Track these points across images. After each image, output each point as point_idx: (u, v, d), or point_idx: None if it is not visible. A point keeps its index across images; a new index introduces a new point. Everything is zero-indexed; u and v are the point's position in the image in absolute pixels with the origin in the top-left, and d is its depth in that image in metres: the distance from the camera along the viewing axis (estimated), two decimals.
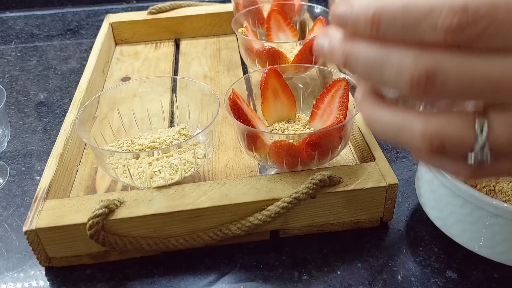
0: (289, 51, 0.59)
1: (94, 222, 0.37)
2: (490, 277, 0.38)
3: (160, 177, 0.40)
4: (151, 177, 0.40)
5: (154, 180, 0.40)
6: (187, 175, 0.41)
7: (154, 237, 0.39)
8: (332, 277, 0.38)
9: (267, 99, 0.45)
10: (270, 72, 0.44)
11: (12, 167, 0.52)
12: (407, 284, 0.37)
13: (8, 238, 0.43)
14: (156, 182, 0.40)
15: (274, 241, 0.42)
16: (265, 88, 0.44)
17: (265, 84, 0.44)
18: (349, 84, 0.42)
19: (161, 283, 0.38)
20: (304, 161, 0.40)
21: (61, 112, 0.62)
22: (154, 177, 0.40)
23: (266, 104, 0.45)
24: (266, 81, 0.44)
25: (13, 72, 0.72)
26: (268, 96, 0.45)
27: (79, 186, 0.47)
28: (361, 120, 0.49)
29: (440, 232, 0.39)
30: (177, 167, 0.40)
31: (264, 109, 0.45)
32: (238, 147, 0.51)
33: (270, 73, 0.44)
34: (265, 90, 0.45)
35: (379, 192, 0.40)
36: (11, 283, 0.39)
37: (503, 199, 0.36)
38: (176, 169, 0.40)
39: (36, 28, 0.87)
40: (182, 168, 0.40)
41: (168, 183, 0.40)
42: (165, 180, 0.40)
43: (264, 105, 0.45)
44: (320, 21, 0.58)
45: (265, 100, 0.45)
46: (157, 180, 0.40)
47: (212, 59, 0.68)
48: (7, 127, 0.49)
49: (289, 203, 0.38)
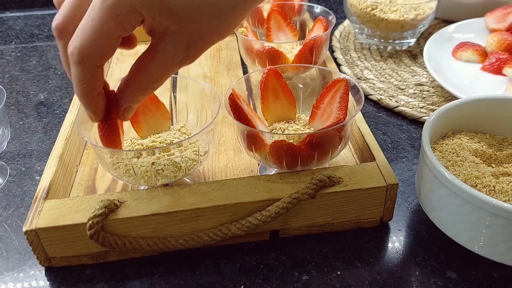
0: (289, 51, 0.59)
1: (94, 222, 0.37)
2: (490, 277, 0.38)
3: (164, 175, 0.40)
4: (155, 176, 0.40)
5: (158, 178, 0.40)
6: (190, 172, 0.42)
7: (154, 237, 0.39)
8: (332, 277, 0.38)
9: (267, 99, 0.45)
10: (270, 72, 0.44)
11: (12, 167, 0.52)
12: (407, 284, 0.37)
13: (8, 238, 0.43)
14: (160, 181, 0.40)
15: (274, 241, 0.42)
16: (265, 88, 0.44)
17: (265, 84, 0.44)
18: (349, 84, 0.42)
19: (161, 283, 0.38)
20: (304, 161, 0.40)
21: (61, 112, 0.62)
22: (157, 176, 0.40)
23: (266, 104, 0.45)
24: (266, 81, 0.44)
25: (13, 72, 0.72)
26: (268, 96, 0.45)
27: (79, 186, 0.47)
28: (361, 120, 0.49)
29: (440, 232, 0.39)
30: (179, 165, 0.40)
31: (264, 109, 0.45)
32: (238, 147, 0.51)
33: (270, 73, 0.44)
34: (265, 90, 0.45)
35: (379, 192, 0.40)
36: (11, 283, 0.39)
37: (503, 199, 0.36)
38: (179, 167, 0.41)
39: (36, 28, 0.87)
40: (185, 166, 0.41)
41: (172, 181, 0.41)
42: (169, 178, 0.40)
43: (264, 105, 0.45)
44: (320, 21, 0.58)
45: (265, 100, 0.45)
46: (161, 178, 0.40)
47: (212, 59, 0.68)
48: (7, 127, 0.49)
49: (289, 203, 0.38)
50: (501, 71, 0.61)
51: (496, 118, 0.45)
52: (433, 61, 0.63)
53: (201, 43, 0.33)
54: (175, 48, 0.32)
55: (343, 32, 0.80)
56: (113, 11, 0.29)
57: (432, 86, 0.63)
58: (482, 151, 0.42)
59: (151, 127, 0.45)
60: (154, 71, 0.32)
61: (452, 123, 0.44)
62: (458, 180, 0.35)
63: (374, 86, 0.64)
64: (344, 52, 0.74)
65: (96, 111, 0.35)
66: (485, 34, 0.69)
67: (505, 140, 0.44)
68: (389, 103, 0.60)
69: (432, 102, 0.60)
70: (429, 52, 0.64)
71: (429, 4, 0.68)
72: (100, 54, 0.30)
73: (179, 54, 0.32)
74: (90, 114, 0.35)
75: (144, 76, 0.33)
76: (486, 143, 0.44)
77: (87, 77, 0.31)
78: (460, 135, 0.44)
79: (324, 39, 0.56)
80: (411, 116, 0.57)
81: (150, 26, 0.31)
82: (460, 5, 0.77)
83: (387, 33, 0.70)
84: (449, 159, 0.40)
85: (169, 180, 0.41)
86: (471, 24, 0.71)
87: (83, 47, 0.30)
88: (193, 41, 0.32)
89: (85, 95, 0.33)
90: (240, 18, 0.33)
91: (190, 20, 0.30)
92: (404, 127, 0.56)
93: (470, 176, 0.38)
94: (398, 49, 0.73)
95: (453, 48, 0.67)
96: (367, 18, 0.70)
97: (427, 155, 0.38)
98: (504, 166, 0.40)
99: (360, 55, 0.72)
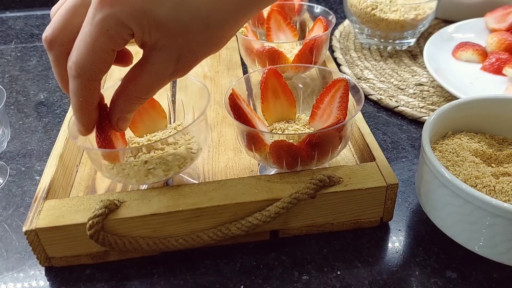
0: (289, 51, 0.59)
1: (94, 222, 0.37)
2: (490, 277, 0.38)
3: (155, 175, 0.40)
4: (146, 175, 0.40)
5: (148, 177, 0.40)
6: (181, 170, 0.41)
7: (154, 237, 0.39)
8: (332, 277, 0.38)
9: (267, 99, 0.45)
10: (270, 72, 0.44)
11: (12, 167, 0.52)
12: (407, 284, 0.37)
13: (8, 238, 0.43)
14: (151, 180, 0.40)
15: (274, 241, 0.42)
16: (265, 88, 0.44)
17: (265, 84, 0.44)
18: (349, 84, 0.42)
19: (161, 283, 0.38)
20: (304, 161, 0.40)
21: (61, 112, 0.62)
22: (149, 175, 0.40)
23: (266, 104, 0.45)
24: (266, 81, 0.44)
25: (13, 72, 0.72)
26: (268, 96, 0.45)
27: (79, 186, 0.47)
28: (361, 120, 0.49)
29: (440, 232, 0.39)
30: (171, 163, 0.40)
31: (264, 109, 0.45)
32: (238, 147, 0.51)
33: (270, 73, 0.44)
34: (265, 90, 0.45)
35: (379, 192, 0.40)
36: (11, 283, 0.39)
37: (503, 199, 0.36)
38: (170, 166, 0.40)
39: (36, 28, 0.87)
40: (176, 164, 0.40)
41: (162, 180, 0.41)
42: (159, 177, 0.40)
43: (264, 105, 0.45)
44: (320, 21, 0.58)
45: (265, 100, 0.45)
46: (151, 177, 0.40)
47: (212, 59, 0.68)
48: (7, 127, 0.49)
49: (289, 203, 0.38)
50: (501, 71, 0.61)
51: (496, 118, 0.45)
52: (433, 61, 0.63)
53: (192, 56, 0.33)
54: (165, 61, 0.32)
55: (343, 32, 0.80)
56: (103, 25, 0.29)
57: (432, 86, 0.63)
58: (482, 151, 0.42)
59: (147, 126, 0.45)
60: (144, 82, 0.33)
61: (452, 123, 0.44)
62: (458, 180, 0.35)
63: (374, 86, 0.64)
64: (344, 52, 0.74)
65: (87, 126, 0.35)
66: (485, 34, 0.69)
67: (505, 140, 0.44)
68: (389, 103, 0.60)
69: (432, 102, 0.60)
70: (429, 52, 0.64)
71: (429, 4, 0.68)
72: (96, 69, 0.31)
73: (169, 67, 0.32)
74: (80, 127, 0.36)
75: (135, 86, 0.33)
76: (486, 143, 0.44)
77: (84, 91, 0.32)
78: (460, 135, 0.44)
79: (324, 39, 0.56)
80: (411, 116, 0.57)
81: (141, 40, 0.31)
82: (460, 5, 0.77)
83: (387, 33, 0.70)
84: (449, 159, 0.40)
85: (159, 179, 0.40)
86: (471, 24, 0.71)
87: (79, 62, 0.31)
88: (184, 54, 0.32)
89: (81, 108, 0.34)
90: (231, 32, 0.33)
91: (180, 34, 0.31)
92: (404, 127, 0.56)
93: (470, 176, 0.38)
94: (398, 49, 0.73)
95: (453, 48, 0.67)
96: (367, 18, 0.70)
97: (427, 155, 0.38)
98: (504, 166, 0.40)
99: (360, 55, 0.72)
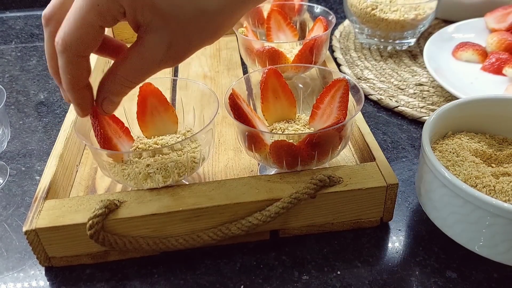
0: (289, 51, 0.59)
1: (94, 222, 0.37)
2: (490, 277, 0.38)
3: (153, 179, 0.40)
4: (145, 179, 0.40)
5: (147, 181, 0.40)
6: (181, 178, 0.41)
7: (154, 237, 0.39)
8: (332, 277, 0.38)
9: (267, 99, 0.45)
10: (270, 72, 0.44)
11: (12, 167, 0.52)
12: (407, 284, 0.37)
13: (8, 238, 0.43)
14: (149, 184, 0.40)
15: (274, 241, 0.42)
16: (265, 88, 0.44)
17: (265, 84, 0.44)
18: (349, 84, 0.42)
19: (161, 283, 0.38)
20: (304, 161, 0.40)
21: (61, 112, 0.62)
22: (148, 179, 0.40)
23: (266, 104, 0.45)
24: (266, 81, 0.44)
25: (13, 72, 0.72)
26: (268, 96, 0.45)
27: (79, 186, 0.47)
28: (361, 120, 0.49)
29: (440, 232, 0.39)
30: (171, 170, 0.40)
31: (264, 109, 0.45)
32: (238, 147, 0.51)
33: (270, 73, 0.44)
34: (265, 90, 0.45)
35: (379, 192, 0.40)
36: (11, 283, 0.39)
37: (503, 199, 0.36)
38: (170, 173, 0.40)
39: (36, 28, 0.87)
40: (176, 172, 0.40)
41: (160, 186, 0.40)
42: (157, 183, 0.40)
43: (264, 105, 0.45)
44: (320, 21, 0.58)
45: (265, 100, 0.45)
46: (150, 182, 0.40)
47: (212, 59, 0.68)
48: (7, 127, 0.49)
49: (289, 203, 0.38)
50: (501, 71, 0.61)
51: (496, 118, 0.45)
52: (433, 61, 0.63)
53: (185, 44, 0.32)
54: (156, 44, 0.31)
55: (343, 32, 0.80)
56: (94, 0, 0.29)
57: (432, 86, 0.63)
58: (482, 151, 0.42)
59: (157, 128, 0.45)
60: (133, 63, 0.32)
61: (452, 123, 0.44)
62: (458, 180, 0.35)
63: (374, 86, 0.64)
64: (344, 52, 0.74)
65: (82, 105, 0.35)
66: (485, 34, 0.69)
67: (505, 140, 0.44)
68: (389, 103, 0.60)
69: (432, 102, 0.60)
70: (429, 52, 0.64)
71: (429, 4, 0.68)
72: (82, 44, 0.31)
73: (160, 52, 0.32)
74: (76, 108, 0.35)
75: (123, 67, 0.33)
76: (486, 143, 0.44)
77: (71, 67, 0.32)
78: (460, 135, 0.44)
79: (324, 39, 0.56)
80: (411, 116, 0.57)
81: (133, 19, 0.31)
82: (460, 5, 0.77)
83: (387, 33, 0.70)
84: (449, 159, 0.40)
85: (157, 185, 0.40)
86: (471, 24, 0.71)
87: (66, 37, 0.30)
88: (176, 40, 0.32)
89: (71, 86, 0.33)
90: (227, 23, 0.32)
91: (174, 18, 0.30)
92: (404, 127, 0.56)
93: (470, 176, 0.38)
94: (398, 49, 0.73)
95: (453, 48, 0.67)
96: (367, 18, 0.70)
97: (427, 155, 0.38)
98: (504, 166, 0.40)
99: (360, 55, 0.72)
